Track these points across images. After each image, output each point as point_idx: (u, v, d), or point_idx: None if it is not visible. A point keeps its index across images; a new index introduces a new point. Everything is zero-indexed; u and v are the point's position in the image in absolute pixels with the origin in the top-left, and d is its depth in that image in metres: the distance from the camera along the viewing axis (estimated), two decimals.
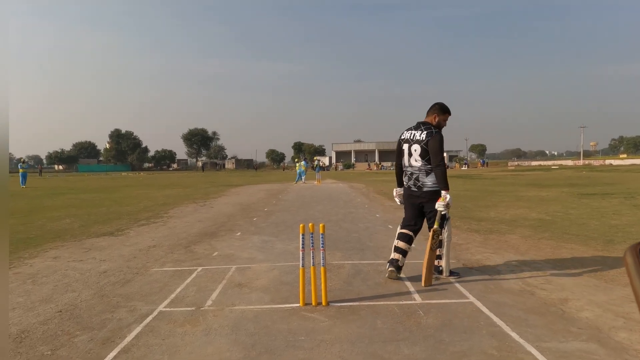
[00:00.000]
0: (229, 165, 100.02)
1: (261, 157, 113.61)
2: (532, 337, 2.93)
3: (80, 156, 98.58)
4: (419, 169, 4.32)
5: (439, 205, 4.11)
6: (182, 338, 3.09)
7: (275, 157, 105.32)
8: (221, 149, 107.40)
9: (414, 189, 4.44)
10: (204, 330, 3.22)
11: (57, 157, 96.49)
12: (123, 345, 2.98)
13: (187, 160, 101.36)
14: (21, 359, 2.79)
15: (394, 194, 4.90)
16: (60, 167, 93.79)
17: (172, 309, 3.70)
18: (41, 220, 9.74)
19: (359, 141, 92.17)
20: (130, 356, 2.81)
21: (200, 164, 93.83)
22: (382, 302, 3.75)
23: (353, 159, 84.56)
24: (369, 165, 76.27)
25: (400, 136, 4.52)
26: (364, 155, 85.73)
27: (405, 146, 4.40)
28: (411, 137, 4.34)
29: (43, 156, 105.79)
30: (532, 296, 3.83)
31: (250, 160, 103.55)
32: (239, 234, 7.46)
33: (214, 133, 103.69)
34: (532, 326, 3.13)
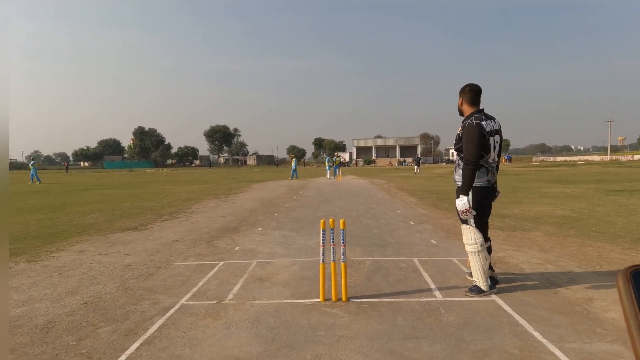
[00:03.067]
0: (250, 161, 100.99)
1: (282, 153, 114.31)
2: (555, 337, 2.83)
3: (105, 153, 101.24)
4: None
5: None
6: (203, 331, 3.12)
7: (297, 154, 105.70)
8: (242, 145, 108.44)
9: (496, 185, 3.82)
10: (225, 323, 3.25)
11: (82, 154, 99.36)
12: (146, 337, 3.03)
13: (209, 156, 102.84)
14: (47, 348, 2.88)
15: (464, 207, 3.60)
16: (86, 163, 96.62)
17: (194, 302, 3.75)
18: (68, 215, 10.04)
19: (379, 137, 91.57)
20: (152, 348, 2.86)
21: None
22: (402, 299, 3.70)
23: (374, 155, 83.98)
24: (390, 161, 75.65)
25: (483, 128, 3.58)
26: (385, 151, 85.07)
27: (492, 139, 3.65)
28: (493, 128, 3.67)
29: (69, 153, 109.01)
30: (556, 295, 3.71)
31: (271, 157, 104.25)
32: (260, 229, 7.51)
33: (236, 129, 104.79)
34: (555, 326, 3.03)
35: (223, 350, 2.79)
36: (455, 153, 3.88)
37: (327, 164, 28.39)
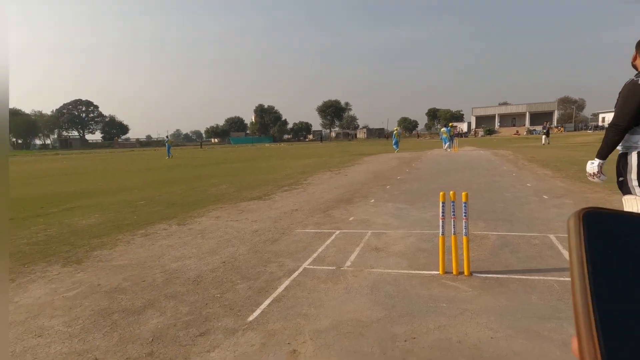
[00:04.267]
0: (360, 134, 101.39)
1: (393, 126, 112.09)
2: None
3: (231, 130, 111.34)
4: None
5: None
6: (325, 293, 3.32)
7: (408, 126, 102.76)
8: (353, 119, 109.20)
9: None
10: (345, 288, 3.40)
11: (213, 131, 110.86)
12: (275, 295, 3.34)
13: (321, 131, 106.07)
14: (199, 297, 3.37)
15: (593, 170, 3.25)
16: (215, 140, 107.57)
17: (315, 267, 3.99)
18: (204, 185, 11.39)
19: (504, 104, 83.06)
20: (282, 305, 3.14)
21: (311, 136, 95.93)
22: (536, 277, 3.42)
23: (497, 124, 76.88)
24: (517, 130, 68.51)
25: None
26: (511, 119, 77.01)
27: None
28: None
29: (202, 131, 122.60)
30: None
31: (381, 129, 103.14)
32: (372, 200, 7.58)
33: (347, 103, 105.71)
34: None
35: (345, 313, 2.94)
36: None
37: (445, 134, 26.05)
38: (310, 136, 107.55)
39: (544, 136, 28.17)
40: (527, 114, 73.74)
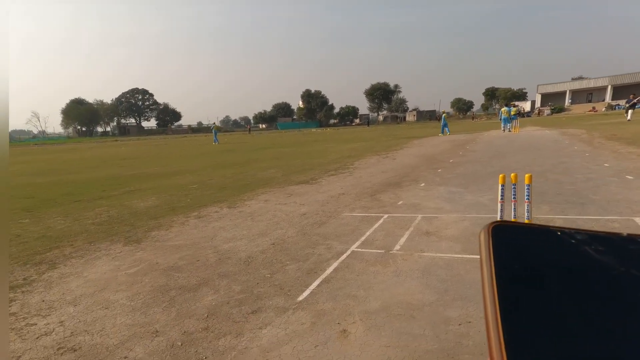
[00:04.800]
0: (410, 117, 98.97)
1: (446, 107, 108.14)
2: None
3: (278, 115, 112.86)
4: None
5: None
6: (374, 276, 3.28)
7: (462, 107, 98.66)
8: (402, 101, 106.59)
9: None
10: (394, 271, 3.35)
11: (261, 117, 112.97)
12: (324, 276, 3.35)
13: (368, 115, 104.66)
14: (250, 277, 3.45)
15: None
16: (263, 125, 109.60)
17: (363, 249, 3.96)
18: (253, 170, 11.66)
19: (579, 78, 75.97)
20: (331, 286, 3.15)
21: (358, 120, 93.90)
22: None
23: (568, 101, 70.64)
24: (593, 106, 62.17)
25: None
26: (587, 95, 70.03)
27: None
28: None
29: (251, 117, 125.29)
30: None
31: (433, 112, 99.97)
32: (423, 184, 7.38)
33: (396, 86, 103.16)
34: None
35: (395, 295, 2.89)
36: None
37: (506, 113, 23.35)
38: (357, 120, 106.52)
39: (630, 111, 24.13)
40: (609, 88, 66.19)
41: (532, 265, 0.36)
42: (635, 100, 24.66)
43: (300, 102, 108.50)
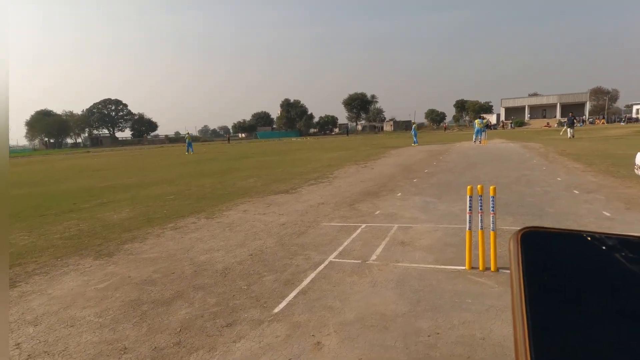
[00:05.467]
0: (387, 127, 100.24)
1: (420, 118, 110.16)
2: None
3: (258, 125, 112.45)
4: None
5: None
6: (350, 287, 3.33)
7: (435, 118, 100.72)
8: (379, 111, 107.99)
9: None
10: (371, 282, 3.41)
11: (240, 127, 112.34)
12: (301, 287, 3.38)
13: (347, 124, 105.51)
14: (226, 289, 3.45)
15: None
16: (243, 135, 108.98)
17: (341, 260, 4.01)
18: (232, 179, 11.60)
19: (535, 95, 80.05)
20: (307, 297, 3.18)
21: (337, 130, 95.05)
22: None
23: (527, 116, 74.30)
24: (547, 122, 65.88)
25: None
26: (542, 111, 74.29)
27: None
28: None
29: (230, 126, 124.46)
30: None
31: (409, 122, 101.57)
32: (399, 194, 7.51)
33: (373, 96, 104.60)
34: None
35: (370, 306, 2.95)
36: None
37: (480, 125, 24.29)
38: (337, 130, 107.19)
39: (569, 129, 24.58)
40: (558, 105, 70.88)
41: (563, 270, 0.34)
42: (573, 119, 25.74)
43: (279, 111, 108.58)
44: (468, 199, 3.50)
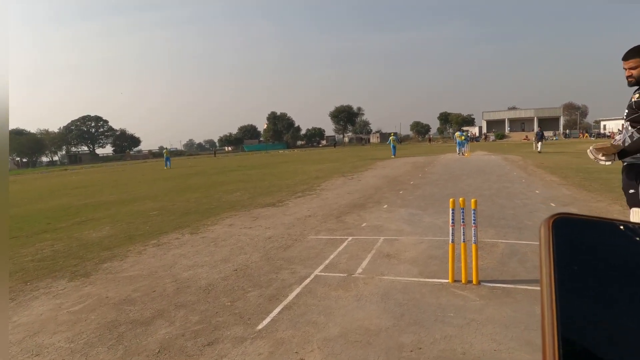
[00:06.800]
0: (374, 139, 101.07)
1: (405, 130, 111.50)
2: None
3: (244, 137, 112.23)
4: None
5: None
6: (336, 301, 3.32)
7: (420, 130, 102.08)
8: (366, 123, 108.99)
9: None
10: (356, 296, 3.40)
11: (226, 140, 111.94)
12: (286, 302, 3.36)
13: (334, 136, 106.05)
14: (209, 306, 3.40)
15: (595, 156, 3.13)
16: (229, 148, 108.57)
17: (326, 273, 4.00)
18: (218, 193, 11.52)
19: (513, 108, 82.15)
20: (292, 313, 3.15)
21: (324, 142, 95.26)
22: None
23: (507, 129, 76.16)
24: (526, 135, 67.57)
25: None
26: (520, 124, 76.33)
27: None
28: None
29: (216, 139, 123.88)
30: None
31: (395, 134, 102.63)
32: (386, 206, 7.55)
33: (359, 108, 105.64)
34: None
35: (354, 321, 2.94)
36: (628, 125, 3.17)
37: (461, 138, 25.08)
38: (324, 142, 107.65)
39: (539, 143, 25.18)
40: (535, 119, 72.96)
41: (596, 259, 0.33)
42: (542, 133, 26.51)
43: (266, 124, 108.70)
44: (450, 211, 3.54)
